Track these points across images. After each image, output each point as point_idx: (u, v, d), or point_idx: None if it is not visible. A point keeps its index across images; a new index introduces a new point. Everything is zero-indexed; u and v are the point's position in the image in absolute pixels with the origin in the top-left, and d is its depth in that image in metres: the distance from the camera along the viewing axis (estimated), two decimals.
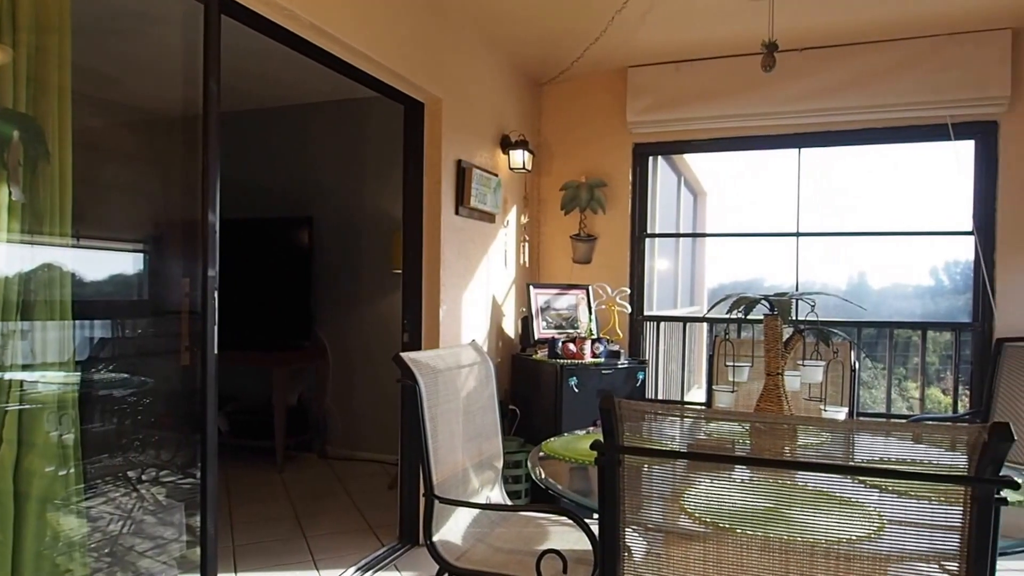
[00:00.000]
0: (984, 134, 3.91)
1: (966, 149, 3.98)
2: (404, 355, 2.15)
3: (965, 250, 4.01)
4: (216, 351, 2.39)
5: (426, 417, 2.11)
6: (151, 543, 3.16)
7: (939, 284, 5.85)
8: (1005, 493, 1.13)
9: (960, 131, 3.91)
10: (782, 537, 1.26)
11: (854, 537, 1.26)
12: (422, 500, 2.14)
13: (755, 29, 3.46)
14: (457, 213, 3.67)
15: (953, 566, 1.17)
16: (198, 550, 2.43)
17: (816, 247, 4.43)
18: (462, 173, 3.66)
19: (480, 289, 3.96)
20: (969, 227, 3.95)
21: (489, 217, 4.01)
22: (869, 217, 5.02)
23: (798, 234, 4.35)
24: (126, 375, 3.77)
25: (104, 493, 3.29)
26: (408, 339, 3.53)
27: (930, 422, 4.07)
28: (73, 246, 2.14)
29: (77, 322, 2.16)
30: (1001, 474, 1.12)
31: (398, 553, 3.40)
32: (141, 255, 5.07)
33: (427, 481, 2.09)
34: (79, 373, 2.49)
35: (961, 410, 4.07)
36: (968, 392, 4.02)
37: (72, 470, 2.09)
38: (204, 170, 2.38)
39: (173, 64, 3.85)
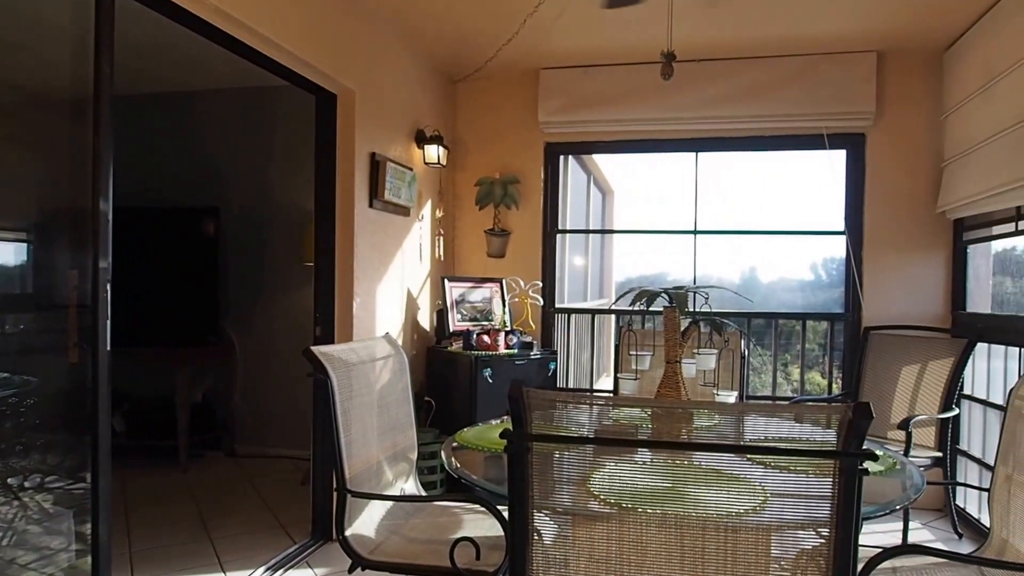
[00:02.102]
0: (854, 145, 4.29)
1: (839, 158, 4.35)
2: (315, 349, 2.12)
3: (839, 248, 4.39)
4: (108, 347, 2.27)
5: (338, 411, 2.09)
6: (36, 554, 2.96)
7: (818, 279, 6.35)
8: (867, 465, 1.26)
9: (834, 142, 4.27)
10: (678, 513, 1.33)
11: (741, 510, 1.36)
12: (335, 495, 2.14)
13: (656, 39, 3.65)
14: (371, 206, 3.66)
15: (825, 531, 1.29)
16: (89, 559, 2.32)
17: (713, 244, 4.71)
18: (376, 166, 3.65)
19: (395, 282, 3.97)
20: (841, 228, 4.33)
21: (404, 211, 4.03)
22: (759, 217, 5.38)
23: (695, 232, 4.62)
24: (6, 374, 3.53)
25: None
26: (321, 333, 3.50)
27: (809, 403, 4.45)
28: None
29: None
30: (864, 448, 1.25)
31: (310, 550, 3.36)
32: (24, 245, 4.75)
33: (339, 475, 2.08)
34: None
35: (836, 391, 4.46)
36: (841, 375, 4.42)
37: None
38: (95, 155, 2.24)
39: (63, 42, 3.63)
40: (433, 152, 4.18)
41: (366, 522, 2.23)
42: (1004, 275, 3.97)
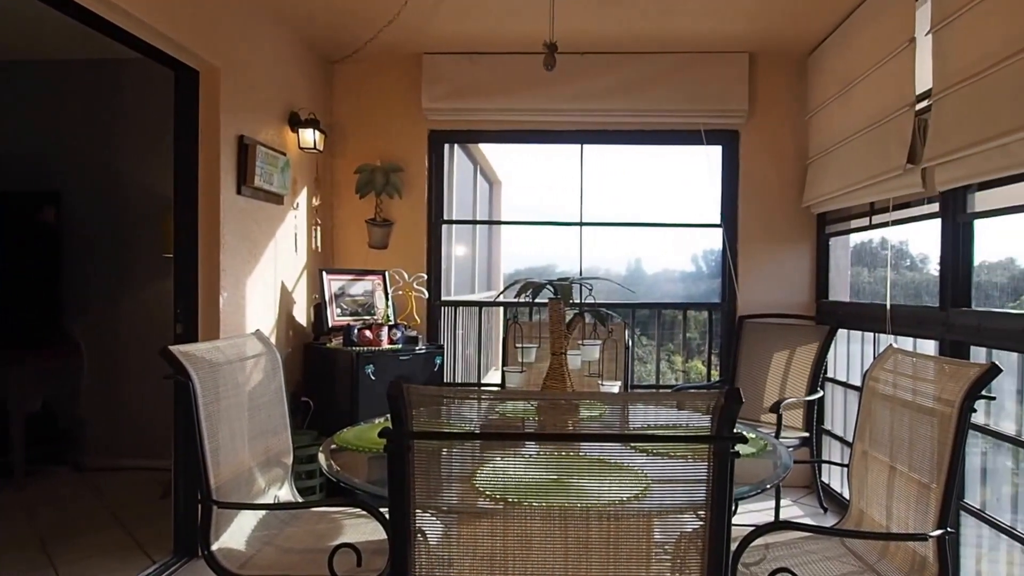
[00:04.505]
0: (728, 141, 4.49)
1: (715, 153, 4.54)
2: (175, 348, 1.97)
3: (716, 240, 4.58)
4: None
5: (202, 416, 1.96)
6: None
7: (699, 270, 6.64)
8: (740, 447, 1.29)
9: (711, 138, 4.45)
10: (563, 505, 1.33)
11: (624, 498, 1.38)
12: (200, 507, 1.97)
13: (540, 29, 3.64)
14: (239, 193, 3.42)
15: (703, 513, 1.32)
16: None
17: (601, 236, 4.80)
18: (244, 149, 3.42)
19: (268, 275, 3.74)
20: (718, 221, 4.52)
21: (277, 198, 3.79)
22: (643, 209, 5.54)
23: (581, 223, 4.67)
24: None
25: None
26: (182, 331, 3.23)
27: (691, 390, 4.63)
28: None
29: None
30: (736, 431, 1.29)
31: (172, 569, 3.11)
32: None
33: (204, 485, 1.95)
34: None
35: (715, 378, 4.66)
36: (719, 362, 4.62)
37: None
38: None
39: None
40: (309, 136, 3.98)
41: (235, 534, 2.10)
42: (861, 266, 4.29)
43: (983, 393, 1.71)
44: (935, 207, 3.04)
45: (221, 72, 3.25)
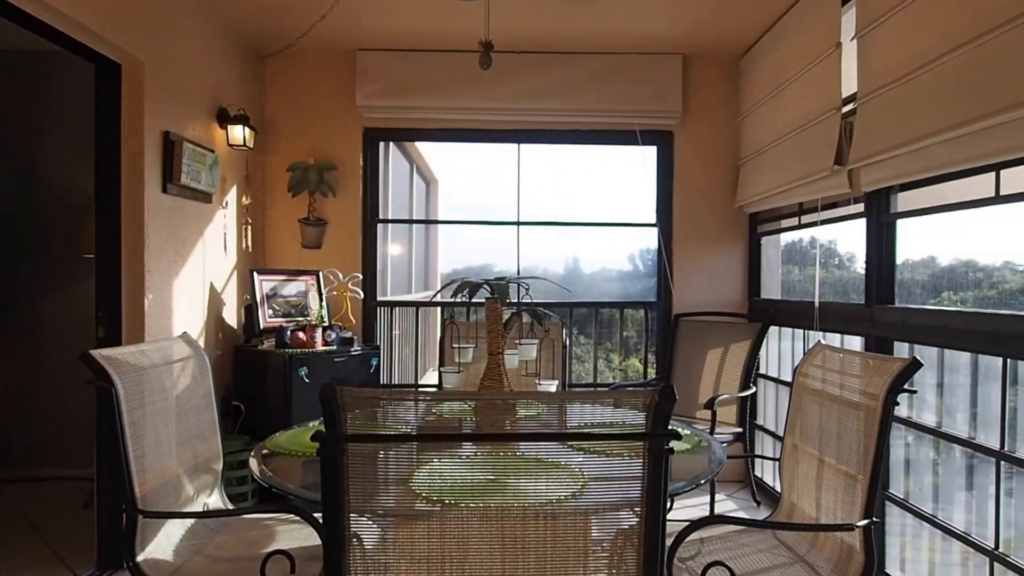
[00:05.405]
0: (663, 142, 4.57)
1: (651, 154, 4.62)
2: (96, 353, 1.90)
3: (652, 239, 4.66)
4: None
5: (125, 422, 1.89)
6: None
7: (635, 269, 6.75)
8: (675, 444, 1.31)
9: (646, 138, 4.53)
10: (500, 505, 1.32)
11: (562, 497, 1.38)
12: (125, 517, 1.90)
13: (476, 27, 3.62)
14: (165, 191, 3.28)
15: (639, 509, 1.33)
16: None
17: (539, 235, 4.81)
18: (170, 146, 3.28)
19: (195, 276, 3.60)
20: (654, 220, 4.60)
21: (205, 196, 3.66)
22: (581, 209, 5.59)
23: (519, 223, 4.68)
24: None
25: None
26: (104, 334, 3.08)
27: (628, 388, 4.69)
28: None
29: None
30: (669, 428, 1.30)
31: None
32: None
33: (128, 494, 1.89)
34: None
35: (652, 376, 4.73)
36: (656, 360, 4.70)
37: None
38: None
39: None
40: (238, 133, 3.85)
41: (163, 544, 2.03)
42: (791, 264, 4.43)
43: (905, 387, 1.77)
44: (861, 207, 3.16)
45: (145, 66, 3.11)
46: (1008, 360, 2.29)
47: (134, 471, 1.90)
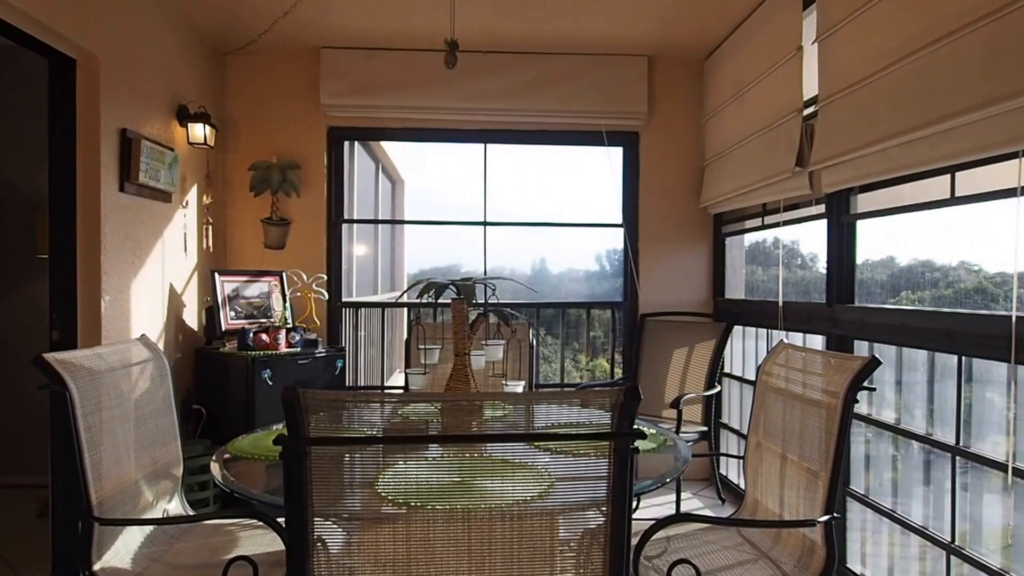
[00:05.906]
0: (629, 143, 4.60)
1: (617, 154, 4.65)
2: (50, 356, 1.85)
3: (619, 240, 4.69)
4: None
5: (80, 427, 1.84)
6: None
7: (602, 269, 6.79)
8: (641, 443, 1.32)
9: (612, 139, 4.55)
10: (467, 507, 1.32)
11: (528, 498, 1.38)
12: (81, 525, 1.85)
13: (441, 26, 3.60)
14: (122, 190, 3.20)
15: (605, 509, 1.34)
16: None
17: (505, 236, 4.80)
18: (128, 144, 3.20)
19: (154, 277, 3.52)
20: (620, 221, 4.63)
21: (164, 196, 3.57)
22: (547, 209, 5.60)
23: (485, 223, 4.67)
24: None
25: None
26: (59, 337, 2.99)
27: (596, 388, 4.71)
28: None
29: None
30: (635, 427, 1.31)
31: None
32: None
33: (84, 501, 1.84)
34: None
35: (619, 376, 4.76)
36: (623, 360, 4.73)
37: None
38: None
39: None
40: (199, 131, 3.77)
41: (120, 552, 1.98)
42: (755, 264, 4.50)
43: (865, 384, 1.81)
44: (822, 208, 3.22)
45: (101, 61, 3.03)
46: (962, 358, 2.36)
47: (90, 477, 1.85)
